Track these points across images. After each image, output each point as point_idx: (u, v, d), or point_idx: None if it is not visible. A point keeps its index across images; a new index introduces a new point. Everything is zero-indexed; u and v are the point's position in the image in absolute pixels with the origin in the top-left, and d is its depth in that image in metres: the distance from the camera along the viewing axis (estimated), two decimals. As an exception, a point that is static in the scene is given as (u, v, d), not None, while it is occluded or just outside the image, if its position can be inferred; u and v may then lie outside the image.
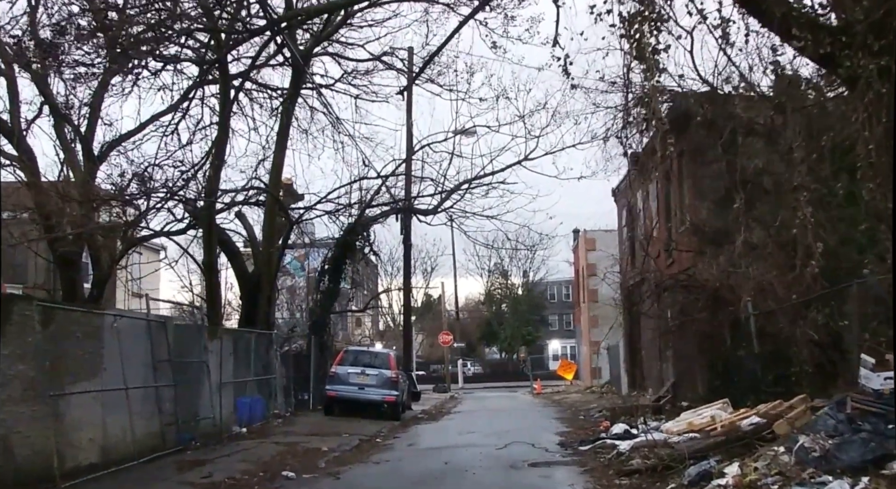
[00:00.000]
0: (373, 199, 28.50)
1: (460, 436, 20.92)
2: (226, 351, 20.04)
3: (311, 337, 28.88)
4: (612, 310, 46.99)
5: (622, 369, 38.16)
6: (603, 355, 47.54)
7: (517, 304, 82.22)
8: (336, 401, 26.03)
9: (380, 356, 26.99)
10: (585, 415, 27.06)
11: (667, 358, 29.83)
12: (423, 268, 77.04)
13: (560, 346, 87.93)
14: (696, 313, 21.10)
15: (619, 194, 37.52)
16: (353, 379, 25.82)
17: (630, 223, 35.68)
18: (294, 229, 33.78)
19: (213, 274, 25.89)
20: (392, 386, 25.93)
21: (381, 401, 25.83)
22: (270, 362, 24.51)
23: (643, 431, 16.93)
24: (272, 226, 26.57)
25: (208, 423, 18.52)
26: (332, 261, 29.03)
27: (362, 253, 29.03)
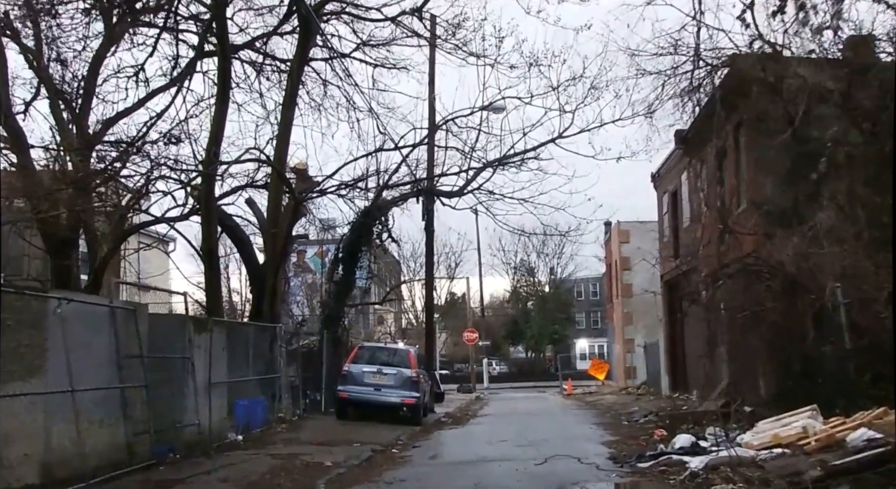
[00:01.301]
0: (391, 179, 25.36)
1: (491, 447, 17.74)
2: (218, 346, 16.94)
3: (324, 332, 25.78)
4: (647, 306, 43.68)
5: (662, 369, 34.80)
6: (638, 354, 44.21)
7: (544, 302, 78.79)
8: (349, 404, 22.95)
9: (399, 353, 23.84)
10: (628, 420, 23.78)
11: (718, 356, 26.48)
12: (447, 263, 73.88)
13: (588, 345, 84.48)
14: (767, 303, 17.75)
15: (659, 179, 34.18)
16: (369, 379, 22.72)
17: (673, 209, 32.34)
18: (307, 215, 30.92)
19: (212, 260, 22.87)
20: (412, 387, 22.79)
21: (399, 403, 22.71)
22: (275, 359, 21.42)
23: (716, 444, 13.68)
24: (277, 205, 23.49)
25: (193, 431, 15.42)
26: (347, 247, 25.91)
27: (380, 239, 25.87)
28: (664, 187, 33.42)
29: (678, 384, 32.83)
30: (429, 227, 28.69)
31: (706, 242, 26.68)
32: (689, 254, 29.22)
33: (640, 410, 26.56)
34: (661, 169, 33.44)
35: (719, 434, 14.59)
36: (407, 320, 75.09)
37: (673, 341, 33.57)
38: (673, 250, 32.27)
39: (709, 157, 26.37)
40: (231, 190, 27.23)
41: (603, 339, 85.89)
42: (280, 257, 23.32)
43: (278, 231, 22.91)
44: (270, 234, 22.94)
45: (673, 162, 31.26)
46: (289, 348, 24.11)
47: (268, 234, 23.15)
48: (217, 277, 23.19)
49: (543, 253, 77.61)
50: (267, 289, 22.86)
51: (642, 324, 44.37)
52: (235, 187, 27.40)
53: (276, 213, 23.41)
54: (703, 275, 27.42)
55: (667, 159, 31.91)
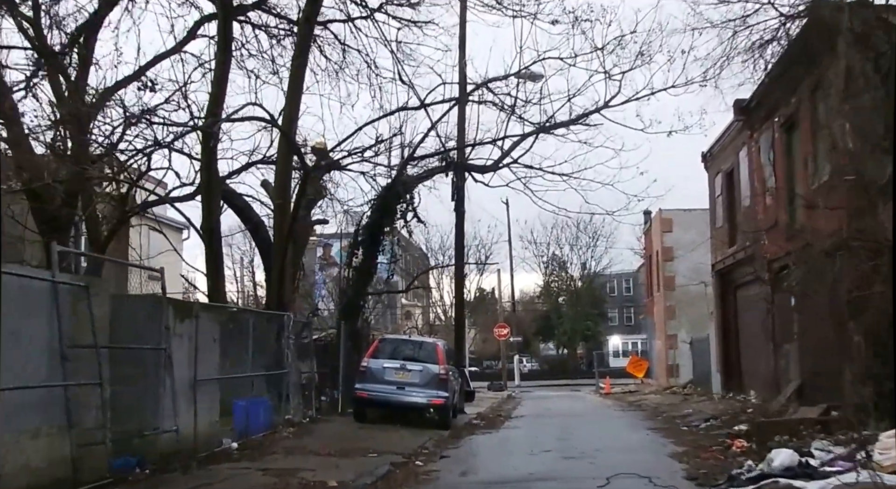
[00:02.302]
0: (417, 150, 22.20)
1: (534, 458, 14.58)
2: (207, 335, 13.91)
3: (341, 323, 22.74)
4: (692, 299, 40.39)
5: (713, 367, 31.43)
6: (681, 350, 40.81)
7: (577, 297, 75.30)
8: (368, 404, 19.91)
9: (425, 347, 20.65)
10: (686, 425, 20.54)
11: (784, 352, 23.15)
12: (477, 256, 70.70)
13: (620, 342, 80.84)
14: (876, 286, 14.40)
15: (711, 159, 30.79)
16: (391, 375, 19.64)
17: (727, 190, 28.96)
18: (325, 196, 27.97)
19: (213, 240, 19.92)
20: (440, 385, 19.68)
21: (425, 404, 19.62)
22: (282, 353, 18.37)
23: (829, 463, 10.45)
24: (286, 175, 20.46)
25: (170, 439, 12.39)
26: (367, 228, 22.84)
27: (404, 218, 22.75)
28: (717, 167, 30.03)
29: (732, 384, 29.47)
30: (459, 206, 25.44)
31: (773, 223, 23.40)
32: (748, 239, 25.88)
33: (696, 413, 23.32)
34: (714, 147, 30.06)
35: (831, 450, 11.34)
36: (435, 315, 72.07)
37: (726, 336, 30.19)
38: (727, 236, 28.90)
39: (777, 126, 23.05)
40: (241, 167, 24.38)
41: (636, 336, 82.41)
42: (289, 234, 20.21)
43: (285, 204, 19.84)
44: (278, 206, 19.87)
45: (729, 138, 27.90)
46: (302, 341, 21.09)
47: (276, 205, 20.11)
48: (219, 259, 20.23)
49: (576, 246, 74.22)
50: (273, 272, 19.83)
51: (686, 318, 41.04)
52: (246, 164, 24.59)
53: (284, 183, 20.37)
54: (766, 260, 24.14)
55: (721, 136, 28.55)
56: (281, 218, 20.16)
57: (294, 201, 20.12)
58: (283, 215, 20.05)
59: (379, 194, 22.46)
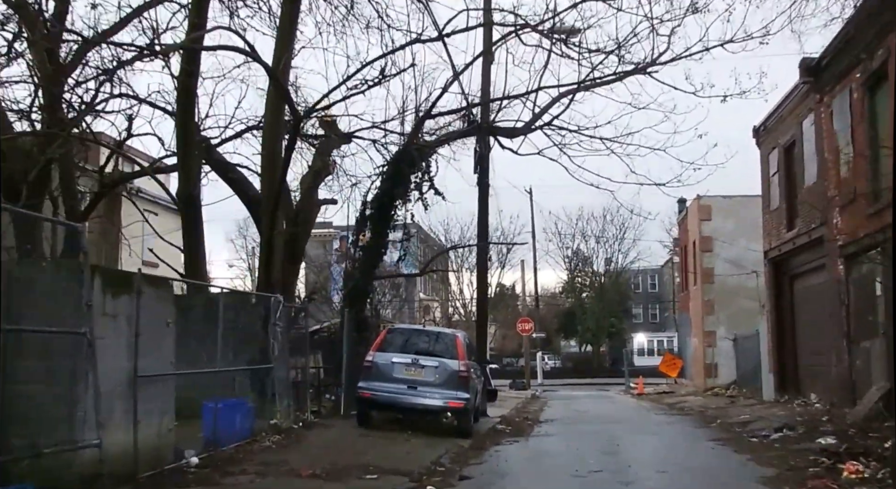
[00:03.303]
0: (435, 106, 18.62)
1: (584, 483, 11.04)
2: (155, 317, 10.47)
3: (345, 311, 19.27)
4: (732, 293, 36.68)
5: (764, 366, 27.71)
6: (721, 348, 37.05)
7: (602, 292, 71.51)
8: (373, 406, 16.45)
9: (442, 339, 17.04)
10: (753, 435, 16.90)
11: (865, 351, 19.46)
12: (499, 249, 67.11)
13: (646, 340, 77.02)
14: None
15: (765, 134, 27.08)
16: (401, 372, 16.15)
17: (786, 168, 25.26)
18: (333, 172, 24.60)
19: (192, 209, 16.51)
20: (460, 385, 16.15)
21: (442, 407, 16.12)
22: (267, 344, 14.88)
23: None
24: (275, 126, 16.97)
25: (91, 457, 8.96)
26: (376, 201, 19.34)
27: (419, 190, 19.20)
28: (773, 142, 26.32)
29: (787, 386, 25.78)
30: (483, 178, 21.77)
31: (850, 199, 19.72)
32: (815, 220, 22.22)
33: (756, 420, 19.74)
34: (769, 120, 26.35)
35: None
36: (454, 309, 68.64)
37: (780, 332, 26.50)
38: (785, 219, 25.20)
39: (857, 85, 19.38)
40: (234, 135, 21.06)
41: (662, 334, 78.64)
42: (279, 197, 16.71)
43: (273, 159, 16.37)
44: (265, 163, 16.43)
45: (790, 106, 24.20)
46: (300, 331, 17.65)
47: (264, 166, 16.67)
48: (198, 233, 16.81)
49: (603, 238, 70.43)
50: (262, 244, 16.38)
51: (726, 313, 37.33)
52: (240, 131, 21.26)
53: (273, 138, 16.90)
54: (839, 243, 20.49)
55: (780, 105, 24.85)
56: (270, 177, 16.69)
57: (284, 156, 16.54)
58: (272, 173, 16.56)
59: (390, 160, 18.98)
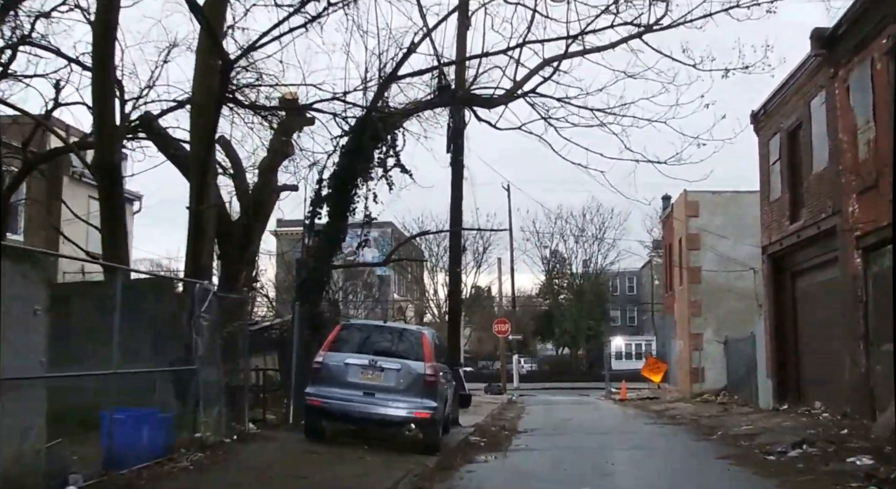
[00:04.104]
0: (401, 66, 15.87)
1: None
2: (15, 303, 7.74)
3: (296, 305, 16.52)
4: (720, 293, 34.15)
5: (761, 371, 25.21)
6: (708, 352, 34.55)
7: (580, 294, 68.98)
8: (324, 416, 13.70)
9: (406, 337, 14.27)
10: (768, 451, 14.30)
11: (885, 355, 16.90)
12: (475, 248, 64.52)
13: (624, 343, 74.55)
14: None
15: (765, 118, 24.59)
16: (356, 376, 13.42)
17: (789, 154, 22.77)
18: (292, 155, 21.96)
19: (111, 183, 13.71)
20: (426, 391, 13.44)
21: (404, 418, 13.39)
22: (190, 341, 12.09)
23: None
24: (206, 74, 14.14)
25: None
26: (334, 179, 16.59)
27: (383, 166, 16.47)
28: (774, 127, 23.83)
29: (787, 393, 23.30)
30: (457, 155, 19.01)
31: (871, 183, 17.22)
32: (826, 209, 19.74)
33: (762, 433, 17.27)
34: (770, 103, 23.87)
35: None
36: (428, 310, 65.95)
37: (780, 334, 24.01)
38: (788, 210, 22.70)
39: (881, 54, 16.89)
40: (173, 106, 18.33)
41: (640, 338, 76.31)
42: (208, 159, 13.89)
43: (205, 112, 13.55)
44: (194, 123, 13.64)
45: (796, 85, 21.71)
46: (246, 327, 14.87)
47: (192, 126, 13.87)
48: (117, 208, 13.96)
49: (582, 238, 67.94)
50: (190, 221, 13.59)
51: (713, 315, 34.81)
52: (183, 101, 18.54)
53: (202, 90, 14.10)
54: (856, 234, 18.01)
55: (785, 84, 22.37)
56: (198, 135, 13.87)
57: (214, 110, 13.68)
58: (201, 131, 13.73)
59: (350, 131, 16.22)
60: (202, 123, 13.40)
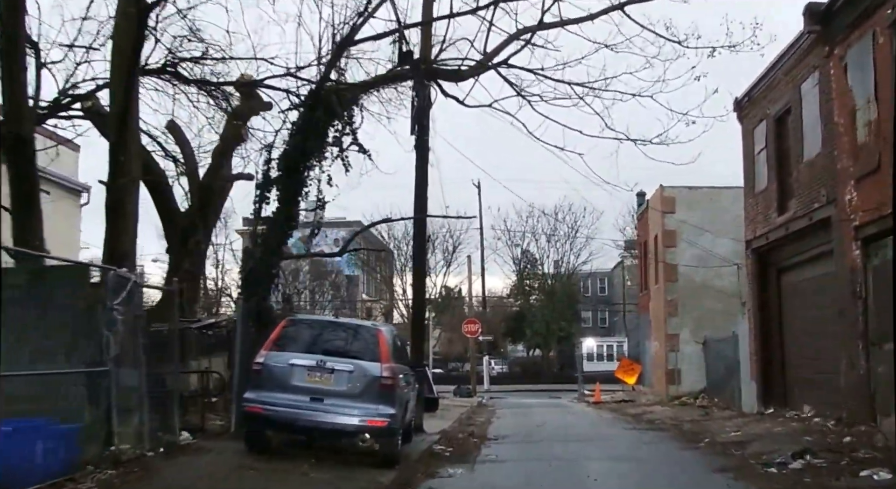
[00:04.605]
0: (358, 30, 14.07)
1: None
2: None
3: (241, 301, 14.68)
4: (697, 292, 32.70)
5: (744, 373, 23.66)
6: (685, 353, 33.06)
7: (552, 295, 67.42)
8: (265, 425, 11.87)
9: (360, 335, 12.43)
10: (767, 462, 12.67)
11: (886, 356, 15.34)
12: (444, 247, 62.88)
13: (595, 345, 73.07)
14: None
15: (749, 105, 23.05)
16: (301, 379, 11.60)
17: (776, 142, 21.25)
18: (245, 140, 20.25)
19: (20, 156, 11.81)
20: (383, 396, 11.64)
21: (357, 427, 11.58)
22: (101, 339, 10.20)
23: None
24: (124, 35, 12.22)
25: None
26: (284, 159, 14.75)
27: (339, 145, 14.66)
28: (760, 114, 22.30)
29: (772, 396, 21.77)
30: (422, 135, 17.17)
31: (872, 167, 15.68)
32: (819, 198, 18.21)
33: (753, 439, 15.75)
34: (755, 89, 22.34)
35: None
36: (398, 311, 64.18)
37: (764, 334, 22.47)
38: (775, 202, 21.17)
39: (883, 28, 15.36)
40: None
41: (611, 339, 74.96)
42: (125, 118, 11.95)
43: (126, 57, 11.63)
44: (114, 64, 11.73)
45: (785, 68, 20.18)
46: (175, 323, 13.01)
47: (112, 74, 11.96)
48: (31, 187, 12.02)
49: (554, 237, 66.42)
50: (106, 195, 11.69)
51: (691, 315, 33.31)
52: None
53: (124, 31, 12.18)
54: (854, 224, 16.50)
55: (770, 69, 20.86)
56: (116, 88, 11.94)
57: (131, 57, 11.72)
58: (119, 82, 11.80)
59: (302, 105, 14.41)
60: (121, 75, 11.49)
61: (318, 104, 14.32)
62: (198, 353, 17.08)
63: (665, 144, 14.89)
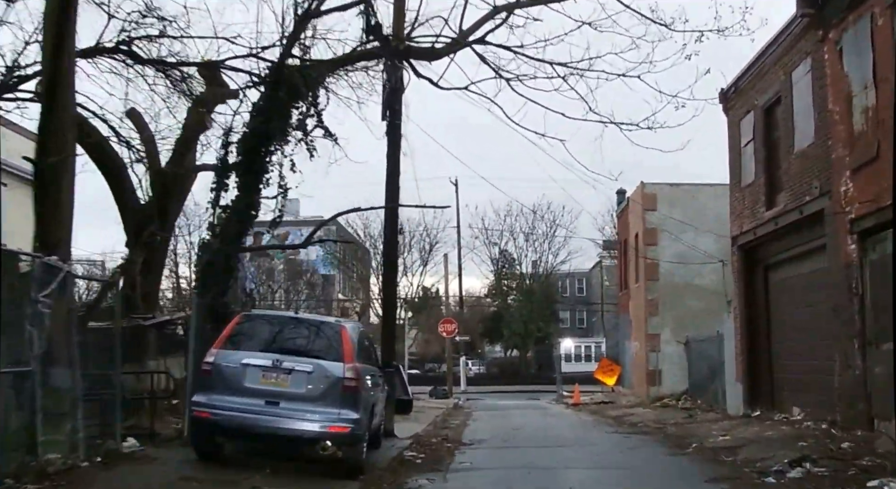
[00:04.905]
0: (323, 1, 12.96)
1: None
2: None
3: (195, 296, 13.50)
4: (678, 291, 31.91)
5: (729, 374, 22.71)
6: (666, 354, 32.18)
7: (529, 295, 66.41)
8: (215, 431, 10.69)
9: (323, 332, 11.21)
10: (761, 470, 11.68)
11: (884, 356, 14.38)
12: (421, 246, 61.78)
13: (573, 345, 72.15)
14: None
15: (736, 96, 22.10)
16: (255, 380, 10.45)
17: (764, 133, 20.30)
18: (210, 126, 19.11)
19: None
20: (345, 399, 10.51)
21: (318, 433, 10.42)
22: (28, 336, 9.00)
23: None
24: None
25: None
26: (244, 143, 13.60)
27: (303, 128, 13.52)
28: (747, 105, 21.35)
29: (759, 398, 20.83)
30: (394, 119, 15.93)
31: (871, 156, 14.74)
32: (810, 190, 17.27)
33: (744, 444, 14.72)
34: (741, 80, 21.40)
35: None
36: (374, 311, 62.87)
37: (751, 333, 21.53)
38: (764, 196, 20.21)
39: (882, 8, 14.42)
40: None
41: (589, 339, 74.10)
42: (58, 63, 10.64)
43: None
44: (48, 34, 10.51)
45: (774, 55, 19.24)
46: (118, 319, 11.83)
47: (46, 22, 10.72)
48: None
49: (532, 236, 65.46)
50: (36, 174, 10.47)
51: (671, 314, 32.47)
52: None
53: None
54: (850, 216, 15.56)
55: (759, 57, 19.94)
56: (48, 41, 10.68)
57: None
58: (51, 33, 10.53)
59: (263, 82, 13.24)
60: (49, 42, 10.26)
61: (281, 83, 13.18)
62: (157, 353, 15.97)
63: (652, 129, 13.86)
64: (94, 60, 17.10)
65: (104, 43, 16.17)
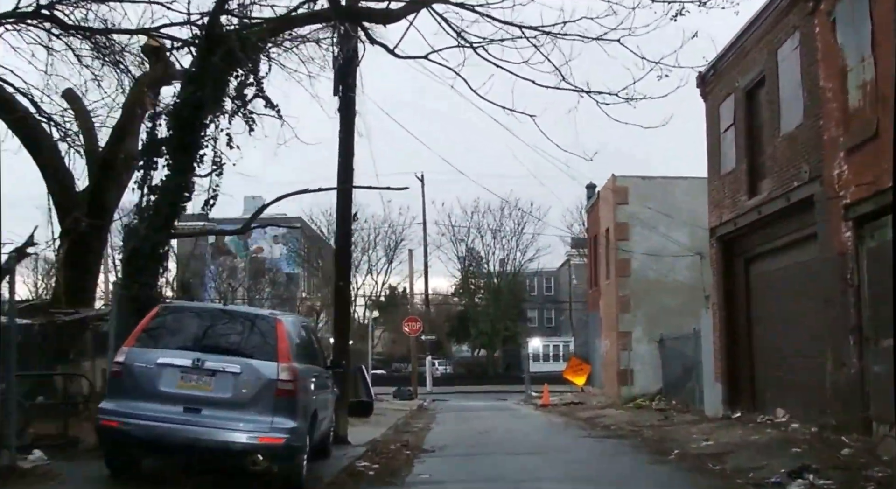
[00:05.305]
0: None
1: None
2: None
3: (118, 287, 11.81)
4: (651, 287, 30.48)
5: (707, 374, 21.34)
6: (637, 353, 30.76)
7: (497, 294, 64.98)
8: (127, 444, 9.01)
9: (256, 327, 9.58)
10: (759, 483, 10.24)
11: (884, 353, 13.01)
12: (386, 243, 60.12)
13: (541, 345, 70.92)
14: None
15: (716, 79, 20.74)
16: (172, 383, 8.81)
17: (747, 117, 18.94)
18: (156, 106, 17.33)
19: None
20: (280, 405, 8.88)
21: (247, 446, 8.78)
22: None
23: None
24: None
25: None
26: (175, 116, 11.94)
27: (241, 99, 11.90)
28: (728, 87, 19.99)
29: (740, 398, 19.50)
30: (347, 92, 14.17)
31: (869, 134, 13.36)
32: (800, 175, 15.91)
33: (730, 450, 13.38)
34: (722, 61, 20.02)
35: None
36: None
37: (731, 330, 20.20)
38: (745, 183, 18.85)
39: None
40: None
41: (557, 339, 72.94)
42: None
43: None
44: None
45: (758, 33, 17.89)
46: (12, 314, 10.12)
47: None
48: None
49: (500, 233, 64.03)
50: None
51: (643, 312, 31.05)
52: None
53: None
54: (844, 202, 14.20)
55: (740, 36, 18.60)
56: None
57: None
58: None
59: (194, 43, 11.60)
60: None
61: (216, 46, 11.51)
62: (95, 353, 14.36)
63: (632, 101, 12.32)
64: (16, 28, 15.38)
65: (23, 8, 14.43)
